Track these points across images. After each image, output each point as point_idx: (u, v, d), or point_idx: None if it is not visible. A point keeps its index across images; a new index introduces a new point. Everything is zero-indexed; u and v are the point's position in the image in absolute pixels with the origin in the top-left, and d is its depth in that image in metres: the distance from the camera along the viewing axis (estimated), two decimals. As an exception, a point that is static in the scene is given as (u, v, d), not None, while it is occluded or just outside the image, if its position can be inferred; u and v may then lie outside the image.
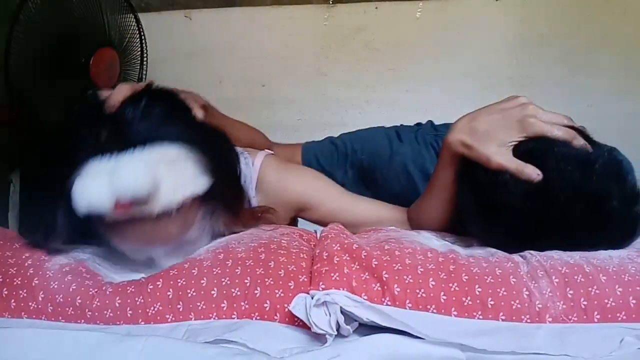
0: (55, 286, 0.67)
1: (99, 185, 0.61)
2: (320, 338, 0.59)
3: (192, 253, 0.73)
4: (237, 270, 0.67)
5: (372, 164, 1.15)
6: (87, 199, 0.61)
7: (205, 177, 0.68)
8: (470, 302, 0.62)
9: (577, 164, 0.68)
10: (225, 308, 0.65)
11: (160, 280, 0.67)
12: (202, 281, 0.66)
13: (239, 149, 0.88)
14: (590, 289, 0.62)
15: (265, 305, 0.64)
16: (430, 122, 1.23)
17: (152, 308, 0.65)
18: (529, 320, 0.61)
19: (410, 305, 0.62)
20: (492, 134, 0.71)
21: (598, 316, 0.61)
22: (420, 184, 1.07)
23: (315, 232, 0.86)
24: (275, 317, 0.64)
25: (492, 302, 0.62)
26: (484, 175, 0.71)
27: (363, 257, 0.68)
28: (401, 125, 1.24)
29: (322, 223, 0.91)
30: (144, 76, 1.63)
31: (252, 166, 0.92)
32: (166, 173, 0.63)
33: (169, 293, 0.66)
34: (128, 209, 0.61)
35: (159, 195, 0.62)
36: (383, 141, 1.17)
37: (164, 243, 0.70)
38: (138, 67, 1.62)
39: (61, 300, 0.66)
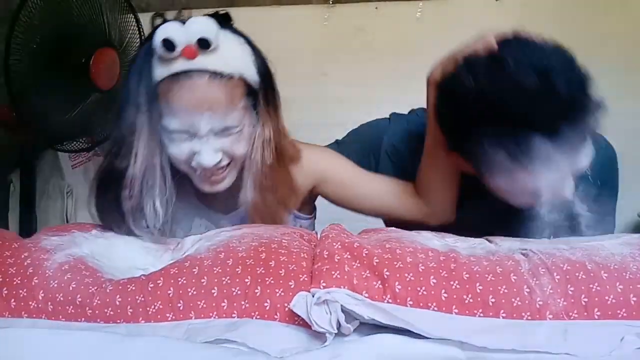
0: (55, 285, 0.67)
1: (176, 29, 0.78)
2: (320, 337, 0.59)
3: (228, 141, 0.84)
4: (237, 270, 0.67)
5: (365, 148, 1.18)
6: (164, 35, 0.77)
7: (257, 75, 0.86)
8: (471, 300, 0.62)
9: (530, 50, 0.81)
10: (225, 307, 0.65)
11: (161, 278, 0.67)
12: (202, 280, 0.66)
13: None
14: (591, 285, 0.62)
15: (266, 304, 0.64)
16: (422, 108, 1.25)
17: (152, 306, 0.65)
18: (529, 317, 0.61)
19: (411, 303, 0.62)
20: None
21: (598, 313, 0.61)
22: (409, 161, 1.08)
23: (316, 232, 0.86)
24: (276, 317, 0.64)
25: (492, 300, 0.62)
26: (456, 74, 0.83)
27: (364, 255, 0.68)
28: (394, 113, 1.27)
29: (337, 196, 1.01)
30: (144, 76, 1.63)
31: None
32: (229, 44, 0.82)
33: (169, 292, 0.66)
34: (193, 53, 0.78)
35: (217, 53, 0.80)
36: (372, 128, 1.23)
37: (211, 109, 0.80)
38: (138, 67, 1.62)
39: (61, 299, 0.66)
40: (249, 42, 0.88)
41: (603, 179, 1.15)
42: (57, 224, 1.64)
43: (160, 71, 0.81)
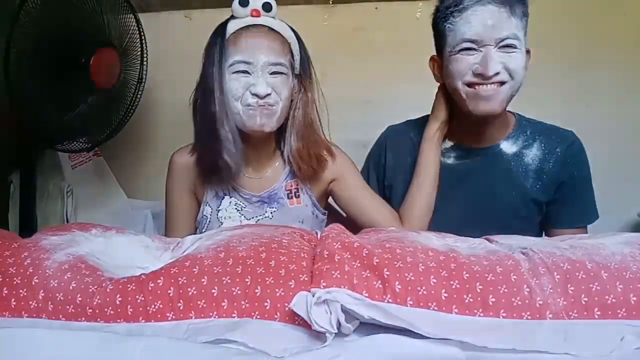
0: (55, 284, 0.67)
1: (246, 0, 1.08)
2: (320, 337, 0.59)
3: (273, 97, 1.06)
4: (237, 269, 0.67)
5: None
6: (235, 6, 1.08)
7: (298, 50, 1.13)
8: (471, 300, 0.62)
9: None
10: (225, 307, 0.65)
11: (161, 278, 0.67)
12: (202, 280, 0.66)
13: None
14: (591, 285, 0.62)
15: (266, 304, 0.64)
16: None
17: (152, 306, 0.65)
18: (529, 317, 0.61)
19: (411, 302, 0.62)
20: None
21: (598, 312, 0.61)
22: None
23: (316, 232, 0.86)
24: (276, 316, 0.64)
25: (492, 300, 0.62)
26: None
27: (364, 255, 0.68)
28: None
29: (343, 198, 1.19)
30: (144, 76, 1.63)
31: None
32: (282, 21, 1.12)
33: (169, 291, 0.66)
34: (258, 13, 1.08)
35: (275, 19, 1.10)
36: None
37: (267, 47, 1.06)
38: (138, 67, 1.62)
39: (61, 298, 0.66)
40: (294, 31, 1.14)
41: (581, 169, 1.18)
42: (57, 224, 1.64)
43: (232, 26, 1.08)
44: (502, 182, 1.15)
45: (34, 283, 0.67)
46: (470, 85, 1.06)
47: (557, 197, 1.16)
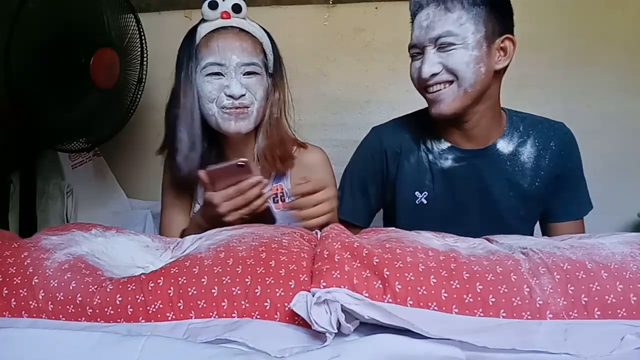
0: (55, 284, 0.67)
1: (215, 3, 1.08)
2: (320, 337, 0.59)
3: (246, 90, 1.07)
4: (237, 269, 0.67)
5: None
6: (205, 9, 1.10)
7: (271, 50, 1.14)
8: (471, 300, 0.62)
9: None
10: (225, 307, 0.65)
11: (161, 278, 0.67)
12: (202, 279, 0.66)
13: None
14: (591, 285, 0.62)
15: (266, 304, 0.64)
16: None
17: (152, 306, 0.65)
18: (529, 317, 0.61)
19: (411, 302, 0.62)
20: None
21: (598, 312, 0.61)
22: None
23: (316, 232, 0.86)
24: (276, 316, 0.64)
25: (492, 300, 0.62)
26: None
27: (364, 255, 0.68)
28: None
29: None
30: (144, 76, 1.63)
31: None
32: (253, 22, 1.12)
33: (169, 291, 0.66)
34: (228, 15, 1.09)
35: (245, 20, 1.11)
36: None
37: (239, 47, 1.06)
38: (138, 67, 1.62)
39: (61, 298, 0.66)
40: (265, 30, 1.15)
41: (574, 161, 1.18)
42: (57, 224, 1.64)
43: (203, 30, 1.09)
44: (500, 183, 1.14)
45: (34, 283, 0.67)
46: (425, 89, 1.07)
47: (554, 190, 1.15)
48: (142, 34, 1.61)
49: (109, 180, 1.89)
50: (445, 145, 1.16)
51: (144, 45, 1.62)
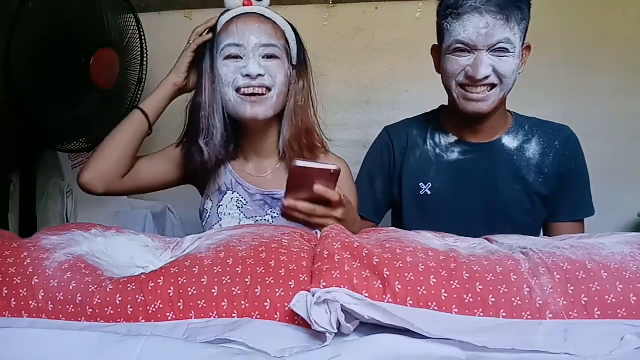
0: (55, 284, 0.67)
1: None
2: (320, 337, 0.59)
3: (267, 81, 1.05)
4: (237, 269, 0.67)
5: None
6: None
7: (294, 39, 1.12)
8: (471, 300, 0.62)
9: None
10: (225, 307, 0.65)
11: (161, 278, 0.67)
12: (202, 279, 0.66)
13: None
14: (591, 285, 0.62)
15: (266, 304, 0.64)
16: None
17: (152, 306, 0.65)
18: (529, 317, 0.61)
19: (411, 302, 0.62)
20: None
21: (598, 312, 0.61)
22: None
23: (316, 232, 0.86)
24: (276, 316, 0.63)
25: (492, 300, 0.62)
26: None
27: (364, 255, 0.68)
28: None
29: None
30: (144, 76, 1.63)
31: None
32: (276, 13, 1.11)
33: (169, 291, 0.66)
34: (250, 2, 1.08)
35: (267, 8, 1.10)
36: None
37: (259, 29, 1.05)
38: (138, 67, 1.62)
39: (61, 298, 0.66)
40: (289, 22, 1.13)
41: (578, 162, 1.21)
42: (57, 224, 1.64)
43: (225, 17, 1.09)
44: (506, 176, 1.17)
45: (34, 283, 0.67)
46: (462, 86, 1.10)
47: (557, 189, 1.18)
48: (142, 34, 1.61)
49: (109, 180, 1.88)
50: (452, 139, 1.21)
51: (144, 45, 1.62)
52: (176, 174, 1.19)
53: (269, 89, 1.04)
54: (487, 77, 1.06)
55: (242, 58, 1.04)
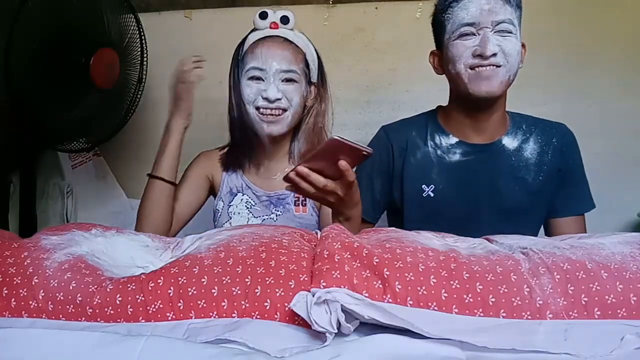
0: (55, 284, 0.67)
1: (265, 14, 1.20)
2: (320, 337, 0.59)
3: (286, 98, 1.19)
4: (237, 269, 0.67)
5: None
6: (260, 10, 1.20)
7: (315, 60, 1.25)
8: (471, 300, 0.62)
9: None
10: (225, 307, 0.65)
11: (161, 278, 0.67)
12: (202, 279, 0.66)
13: None
14: (591, 285, 0.62)
15: (266, 304, 0.64)
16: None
17: (152, 306, 0.65)
18: (529, 317, 0.61)
19: (411, 302, 0.62)
20: None
21: (598, 312, 0.61)
22: None
23: (316, 232, 0.86)
24: (276, 316, 0.63)
25: (492, 300, 0.62)
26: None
27: (364, 255, 0.68)
28: None
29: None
30: (144, 76, 1.63)
31: None
32: (300, 34, 1.24)
33: (169, 291, 0.66)
34: (276, 25, 1.20)
35: (291, 31, 1.22)
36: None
37: (280, 56, 1.17)
38: (138, 67, 1.62)
39: (61, 298, 0.66)
40: (312, 44, 1.26)
41: (575, 158, 1.22)
42: (57, 224, 1.65)
43: (252, 37, 1.20)
44: (507, 177, 1.17)
45: (34, 283, 0.67)
46: (471, 67, 1.10)
47: (556, 185, 1.18)
48: (142, 34, 1.61)
49: (109, 180, 1.89)
50: (453, 140, 1.21)
51: (144, 45, 1.62)
52: (205, 195, 1.31)
53: (285, 110, 1.18)
54: (494, 55, 1.07)
55: (263, 80, 1.17)
